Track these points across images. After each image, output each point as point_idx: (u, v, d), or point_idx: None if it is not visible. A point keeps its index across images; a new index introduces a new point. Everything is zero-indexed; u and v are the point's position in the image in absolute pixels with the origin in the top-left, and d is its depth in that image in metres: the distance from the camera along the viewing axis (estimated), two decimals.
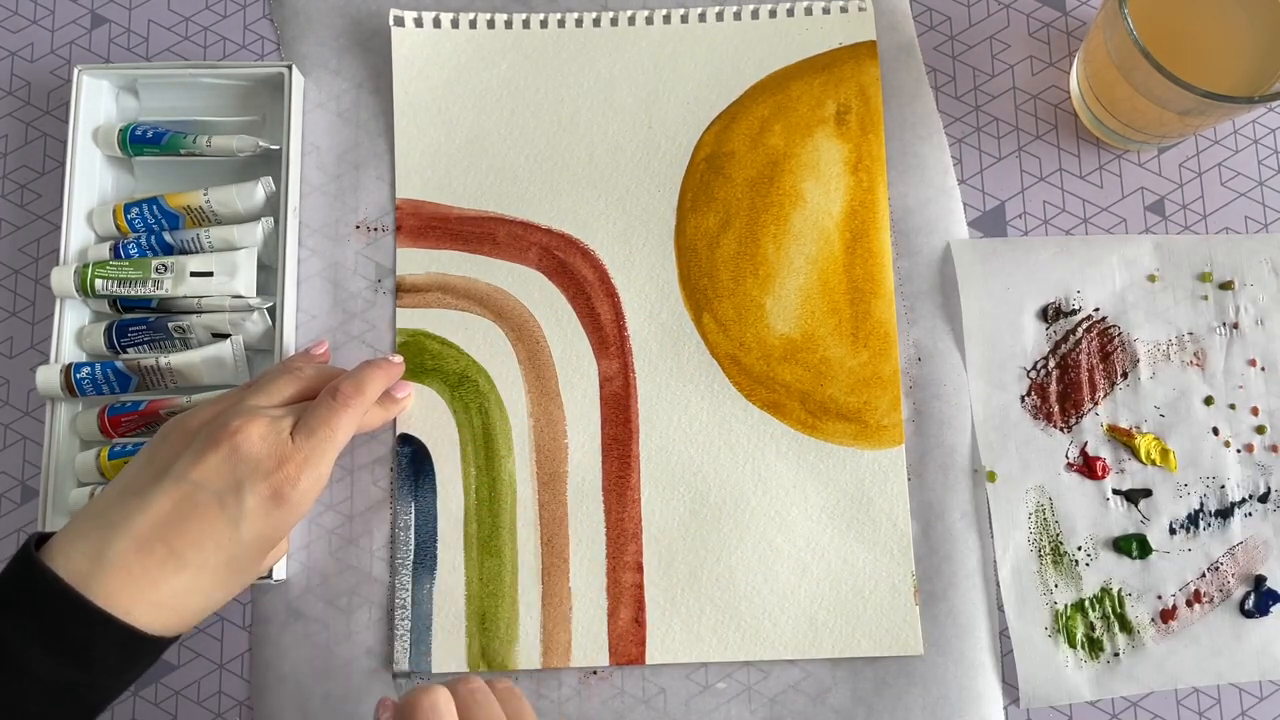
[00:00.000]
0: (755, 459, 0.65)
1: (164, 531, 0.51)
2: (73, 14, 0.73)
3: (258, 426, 0.53)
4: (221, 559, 0.52)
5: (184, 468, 0.52)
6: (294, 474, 0.53)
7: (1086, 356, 0.67)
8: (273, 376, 0.58)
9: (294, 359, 0.63)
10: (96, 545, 0.50)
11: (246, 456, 0.52)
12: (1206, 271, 0.67)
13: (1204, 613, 0.64)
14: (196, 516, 0.51)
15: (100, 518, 0.51)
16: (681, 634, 0.63)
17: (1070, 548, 0.64)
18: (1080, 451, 0.65)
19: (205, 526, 0.51)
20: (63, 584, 0.49)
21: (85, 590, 0.49)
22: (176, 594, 0.51)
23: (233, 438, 0.53)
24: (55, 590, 0.49)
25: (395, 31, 0.70)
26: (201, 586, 0.52)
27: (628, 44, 0.70)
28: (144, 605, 0.50)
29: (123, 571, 0.50)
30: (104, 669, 0.50)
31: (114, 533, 0.50)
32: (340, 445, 0.56)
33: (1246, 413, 0.66)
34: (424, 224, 0.68)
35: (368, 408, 0.58)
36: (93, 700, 0.50)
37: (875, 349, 0.66)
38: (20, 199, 0.70)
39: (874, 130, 0.69)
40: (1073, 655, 0.63)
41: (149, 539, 0.50)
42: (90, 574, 0.49)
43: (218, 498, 0.52)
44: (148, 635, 0.50)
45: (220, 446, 0.52)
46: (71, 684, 0.49)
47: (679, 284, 0.67)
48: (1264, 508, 0.65)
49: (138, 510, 0.51)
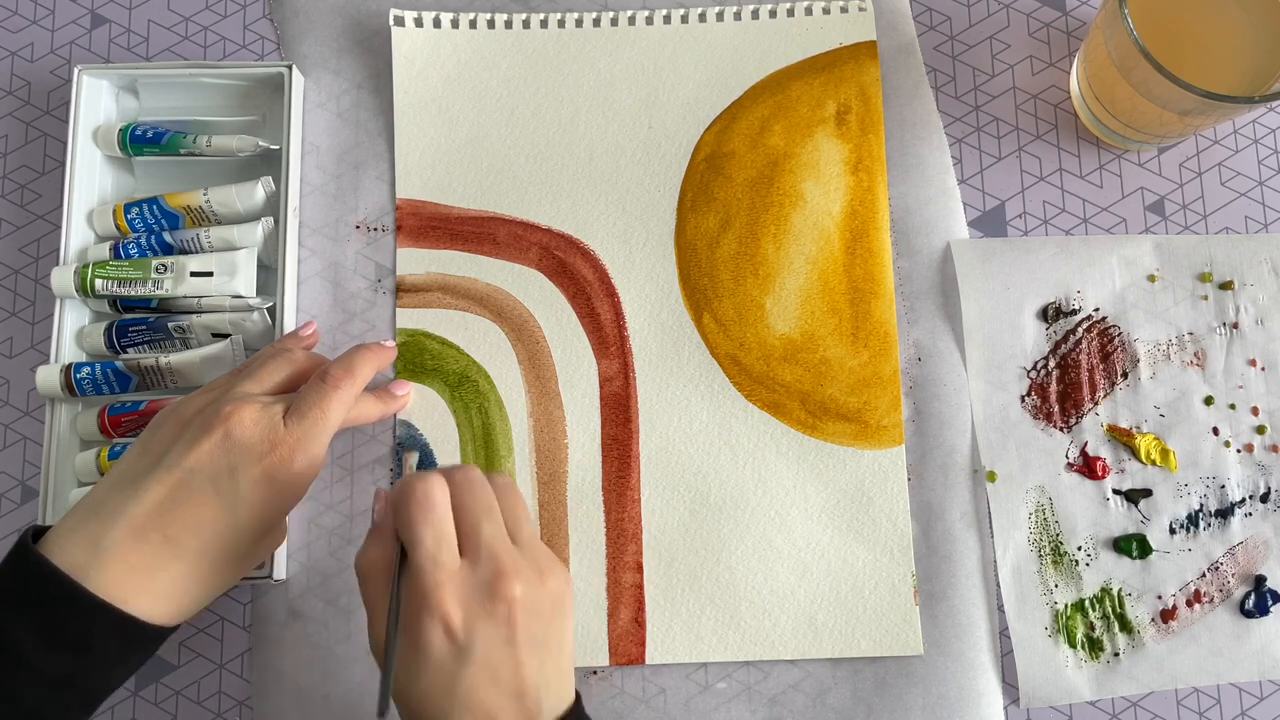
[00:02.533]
0: (755, 459, 0.65)
1: (159, 519, 0.51)
2: (73, 14, 0.73)
3: (250, 411, 0.53)
4: (218, 545, 0.52)
5: (178, 455, 0.52)
6: (286, 457, 0.53)
7: (1086, 356, 0.67)
8: (264, 361, 0.58)
9: (284, 340, 0.63)
10: (93, 535, 0.50)
11: (239, 441, 0.52)
12: (1206, 271, 0.67)
13: (1204, 613, 0.64)
14: (191, 503, 0.51)
15: (96, 508, 0.51)
16: (681, 634, 0.63)
17: (1070, 548, 0.64)
18: (1080, 451, 0.65)
19: (200, 512, 0.51)
20: (60, 574, 0.49)
21: (83, 580, 0.49)
22: (174, 582, 0.51)
23: (225, 423, 0.53)
24: (52, 580, 0.49)
25: (395, 31, 0.70)
26: (199, 573, 0.52)
27: (628, 44, 0.70)
28: (142, 594, 0.50)
29: (120, 561, 0.50)
30: (102, 659, 0.50)
31: (110, 522, 0.50)
32: (332, 428, 0.56)
33: (1246, 413, 0.66)
34: (424, 224, 0.68)
35: (359, 390, 0.58)
36: (92, 690, 0.50)
37: (875, 349, 0.66)
38: (20, 199, 0.70)
39: (874, 130, 0.69)
40: (1073, 655, 0.63)
41: (145, 527, 0.50)
42: (87, 564, 0.49)
43: (212, 483, 0.52)
44: (146, 624, 0.50)
45: (213, 432, 0.52)
46: (70, 674, 0.49)
47: (679, 284, 0.68)
48: (1264, 508, 0.65)
49: (133, 499, 0.51)
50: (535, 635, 0.50)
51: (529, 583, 0.50)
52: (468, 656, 0.48)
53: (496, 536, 0.51)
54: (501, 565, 0.49)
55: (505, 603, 0.49)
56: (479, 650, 0.48)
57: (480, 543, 0.50)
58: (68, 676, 0.49)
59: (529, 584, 0.50)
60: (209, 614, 0.65)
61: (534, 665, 0.49)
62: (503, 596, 0.49)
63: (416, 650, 0.48)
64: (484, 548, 0.50)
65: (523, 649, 0.49)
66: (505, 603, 0.49)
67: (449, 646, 0.48)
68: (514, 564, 0.50)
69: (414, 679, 0.49)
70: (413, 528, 0.49)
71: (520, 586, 0.49)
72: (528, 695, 0.49)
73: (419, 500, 0.50)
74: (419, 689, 0.48)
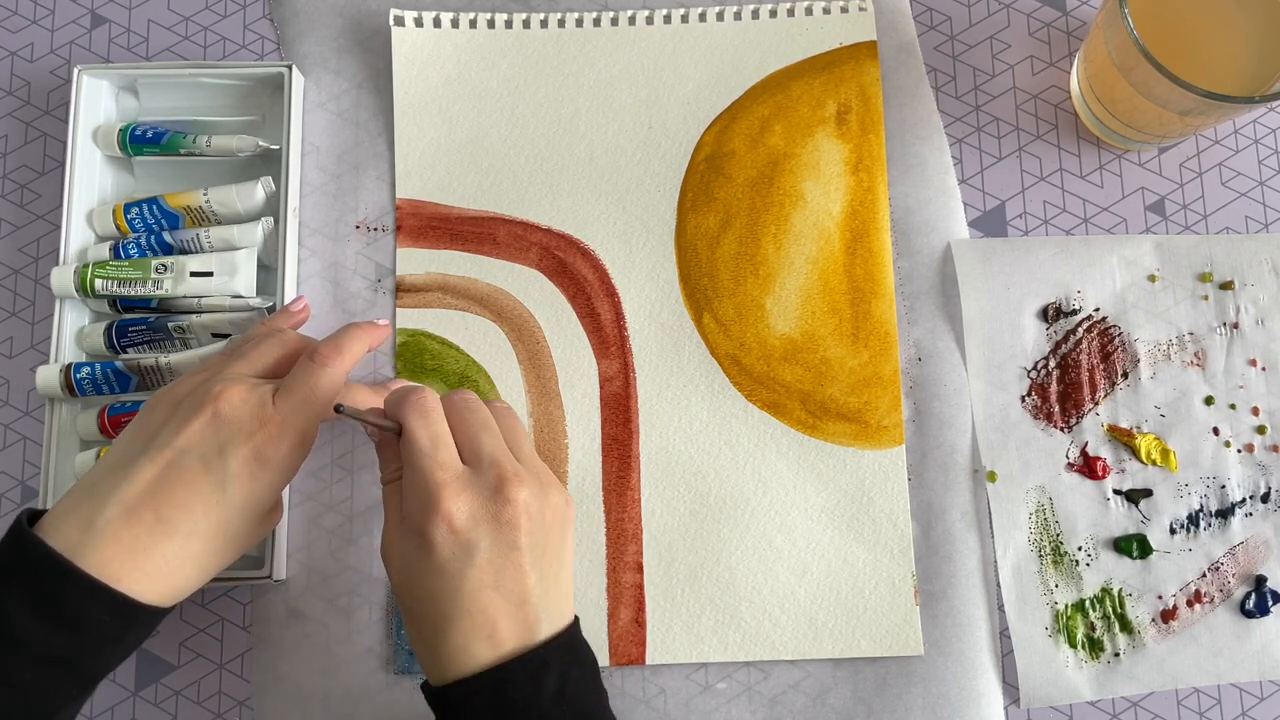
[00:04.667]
0: (755, 459, 0.65)
1: (151, 498, 0.51)
2: (73, 14, 0.73)
3: (238, 391, 0.53)
4: (211, 524, 0.52)
5: (168, 435, 0.52)
6: (275, 435, 0.53)
7: (1087, 356, 0.67)
8: (256, 342, 0.58)
9: (275, 318, 0.62)
10: (86, 516, 0.50)
11: (228, 420, 0.53)
12: (1207, 271, 0.67)
13: (1204, 613, 0.64)
14: (182, 482, 0.51)
15: (90, 490, 0.52)
16: (682, 634, 0.64)
17: (1071, 548, 0.64)
18: (1081, 451, 0.65)
19: (191, 491, 0.52)
20: (54, 553, 0.49)
21: (76, 560, 0.49)
22: (168, 561, 0.51)
23: (215, 402, 0.53)
24: (46, 560, 0.49)
25: (395, 31, 0.70)
26: (192, 552, 0.52)
27: (628, 44, 0.70)
28: (136, 573, 0.50)
29: (113, 540, 0.50)
30: (98, 637, 0.50)
31: (103, 503, 0.51)
32: (321, 406, 0.55)
33: (1247, 413, 0.66)
34: (424, 224, 0.68)
35: (348, 367, 0.58)
36: (88, 671, 0.50)
37: (875, 349, 0.67)
38: (20, 199, 0.70)
39: (874, 130, 0.69)
40: (1073, 655, 0.63)
41: (137, 507, 0.51)
42: (81, 544, 0.49)
43: (202, 462, 0.52)
44: (140, 604, 0.50)
45: (202, 412, 0.52)
46: (65, 654, 0.49)
47: (679, 284, 0.68)
48: (1265, 508, 0.65)
49: (125, 479, 0.51)
50: (538, 544, 0.51)
51: (533, 492, 0.51)
52: (472, 557, 0.49)
53: (497, 447, 0.52)
54: (505, 471, 0.51)
55: (510, 505, 0.50)
56: (483, 551, 0.50)
57: (481, 452, 0.52)
58: (63, 656, 0.49)
59: (533, 493, 0.51)
60: (209, 614, 0.65)
61: (535, 575, 0.51)
62: (507, 499, 0.50)
63: (422, 551, 0.50)
64: (485, 456, 0.52)
65: (525, 555, 0.50)
66: (510, 505, 0.50)
67: (453, 546, 0.50)
68: (517, 471, 0.52)
69: (419, 582, 0.50)
70: (409, 430, 0.51)
71: (525, 492, 0.51)
72: (528, 603, 0.50)
73: (413, 404, 0.51)
74: (424, 592, 0.50)
